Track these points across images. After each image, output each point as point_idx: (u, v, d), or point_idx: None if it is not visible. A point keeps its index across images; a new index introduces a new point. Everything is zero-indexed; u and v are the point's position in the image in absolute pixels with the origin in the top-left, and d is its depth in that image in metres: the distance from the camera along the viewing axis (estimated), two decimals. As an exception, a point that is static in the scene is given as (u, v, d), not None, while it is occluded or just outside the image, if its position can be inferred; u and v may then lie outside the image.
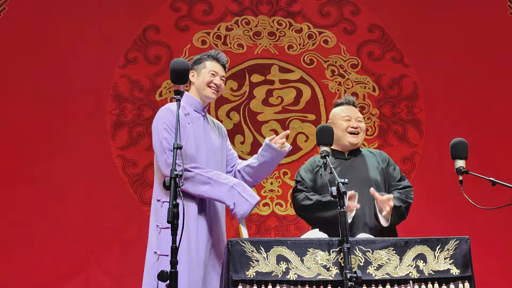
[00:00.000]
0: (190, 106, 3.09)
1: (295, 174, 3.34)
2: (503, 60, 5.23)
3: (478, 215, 4.27)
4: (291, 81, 5.21)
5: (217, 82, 3.10)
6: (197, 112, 3.10)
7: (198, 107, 3.11)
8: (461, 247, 2.58)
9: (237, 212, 2.84)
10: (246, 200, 2.84)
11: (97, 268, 4.56)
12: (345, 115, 3.26)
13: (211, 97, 3.11)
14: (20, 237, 4.56)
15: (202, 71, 3.11)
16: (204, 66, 3.12)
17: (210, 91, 3.09)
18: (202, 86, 3.09)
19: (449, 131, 4.78)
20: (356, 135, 3.24)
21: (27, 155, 4.76)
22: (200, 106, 3.12)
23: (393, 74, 5.24)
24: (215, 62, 3.13)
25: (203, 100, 3.13)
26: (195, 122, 3.05)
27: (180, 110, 2.79)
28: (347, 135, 3.22)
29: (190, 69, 3.07)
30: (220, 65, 3.14)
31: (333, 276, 2.44)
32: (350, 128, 3.23)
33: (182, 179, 2.46)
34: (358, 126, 3.24)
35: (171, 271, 2.23)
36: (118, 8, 5.16)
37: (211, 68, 3.10)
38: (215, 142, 3.12)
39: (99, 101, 4.95)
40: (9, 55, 4.97)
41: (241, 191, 2.85)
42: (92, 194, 4.72)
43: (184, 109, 3.06)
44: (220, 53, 3.18)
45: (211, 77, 3.09)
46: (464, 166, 2.92)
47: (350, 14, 5.35)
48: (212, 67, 3.11)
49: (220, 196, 2.86)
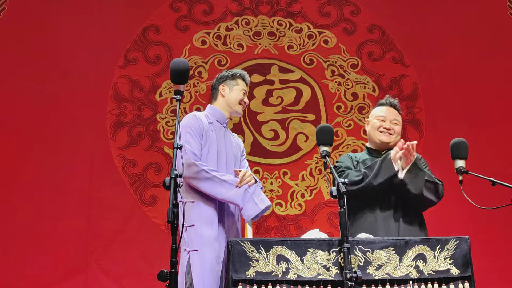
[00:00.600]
0: (214, 117, 3.30)
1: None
2: (503, 60, 5.23)
3: (478, 215, 4.27)
4: (291, 81, 5.21)
5: (246, 101, 3.37)
6: (219, 123, 3.30)
7: (221, 119, 3.32)
8: (461, 247, 2.58)
9: (243, 213, 3.03)
10: (255, 203, 3.03)
11: (97, 268, 4.56)
12: (380, 115, 3.32)
13: (239, 113, 3.37)
14: (20, 237, 4.55)
15: (235, 88, 3.33)
16: (237, 83, 3.35)
17: (241, 108, 3.35)
18: (235, 102, 3.31)
19: (449, 131, 4.77)
20: (389, 135, 3.28)
21: (27, 155, 4.76)
22: (223, 119, 3.32)
23: (393, 74, 5.24)
24: (244, 82, 3.38)
25: (229, 113, 3.35)
26: (217, 131, 3.25)
27: (205, 118, 3.20)
28: (377, 132, 3.28)
29: (220, 83, 3.35)
30: (247, 86, 3.40)
31: (333, 276, 2.44)
32: (382, 128, 3.29)
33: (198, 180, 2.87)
34: (392, 128, 3.30)
35: (171, 271, 2.23)
36: (118, 8, 5.17)
37: (243, 87, 3.35)
38: (234, 152, 3.32)
39: (99, 101, 4.94)
40: (9, 55, 4.97)
41: (253, 194, 3.05)
42: (92, 194, 4.72)
43: (208, 118, 3.27)
44: (247, 74, 3.43)
45: (243, 95, 3.34)
46: (464, 166, 2.92)
47: (350, 14, 5.35)
48: (243, 86, 3.36)
49: (234, 198, 3.04)
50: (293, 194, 4.94)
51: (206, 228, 2.99)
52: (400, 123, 3.36)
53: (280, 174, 5.00)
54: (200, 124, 3.17)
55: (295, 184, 4.95)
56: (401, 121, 3.38)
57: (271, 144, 5.07)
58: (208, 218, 3.03)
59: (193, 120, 3.17)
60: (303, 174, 4.96)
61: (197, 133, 3.13)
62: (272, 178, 4.98)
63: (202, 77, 5.13)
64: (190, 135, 3.11)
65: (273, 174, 4.98)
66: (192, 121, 3.17)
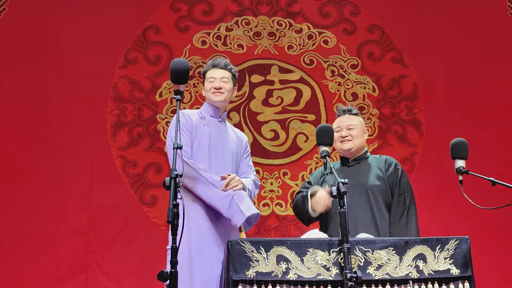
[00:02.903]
0: (206, 112, 3.28)
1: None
2: (503, 60, 5.23)
3: (478, 215, 4.27)
4: (291, 82, 5.21)
5: (215, 85, 3.24)
6: (213, 117, 3.27)
7: (213, 113, 3.28)
8: (461, 247, 2.58)
9: (232, 222, 2.97)
10: (241, 211, 2.94)
11: (97, 268, 4.56)
12: (336, 126, 3.35)
13: (217, 100, 3.24)
14: (20, 237, 4.55)
15: (205, 83, 3.31)
16: (205, 77, 3.32)
17: (213, 95, 3.24)
18: (207, 95, 3.27)
19: (449, 131, 4.77)
20: (347, 141, 3.30)
21: (27, 155, 4.76)
22: (215, 112, 3.28)
23: (393, 74, 5.24)
24: (213, 69, 3.30)
25: (216, 106, 3.27)
26: (211, 125, 3.23)
27: (196, 114, 3.20)
28: (338, 143, 3.33)
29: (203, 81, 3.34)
30: (218, 69, 3.29)
31: (333, 276, 2.44)
32: (340, 138, 3.32)
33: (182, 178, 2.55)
34: (348, 134, 3.32)
35: (171, 271, 2.23)
36: (118, 9, 5.16)
37: (209, 76, 3.29)
38: (232, 146, 3.25)
39: (99, 101, 4.95)
40: (9, 55, 4.97)
41: (239, 202, 2.97)
42: (92, 194, 4.72)
43: (201, 113, 3.26)
44: (217, 59, 3.36)
45: (210, 84, 3.26)
46: (464, 166, 2.92)
47: (350, 14, 5.35)
48: (210, 75, 3.29)
49: (220, 205, 2.98)
50: (293, 194, 4.92)
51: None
52: (358, 125, 3.35)
53: (280, 174, 5.00)
54: (188, 120, 3.15)
55: (295, 184, 4.95)
56: (359, 123, 3.37)
57: (271, 144, 5.07)
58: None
59: (181, 116, 3.15)
60: (303, 174, 4.96)
61: (185, 128, 3.11)
62: (272, 178, 4.98)
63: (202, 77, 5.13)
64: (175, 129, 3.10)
65: (273, 174, 4.98)
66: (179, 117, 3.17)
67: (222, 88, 3.24)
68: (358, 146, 3.31)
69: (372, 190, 3.16)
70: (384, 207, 3.14)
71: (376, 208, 3.13)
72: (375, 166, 3.27)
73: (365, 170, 3.25)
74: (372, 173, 3.23)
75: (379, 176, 3.22)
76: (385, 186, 3.19)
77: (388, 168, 3.25)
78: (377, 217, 3.11)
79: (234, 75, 3.35)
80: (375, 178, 3.21)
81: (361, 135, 3.35)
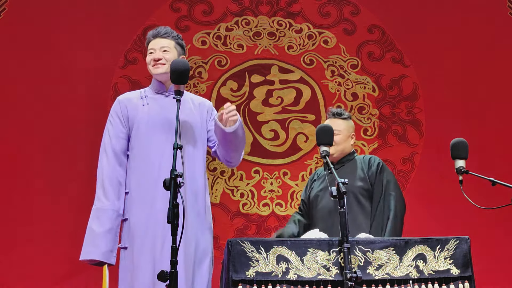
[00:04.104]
0: (152, 89, 3.04)
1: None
2: (503, 60, 5.22)
3: (478, 215, 4.26)
4: (291, 82, 5.21)
5: (154, 57, 2.98)
6: (159, 93, 3.03)
7: (159, 89, 3.02)
8: (461, 247, 2.58)
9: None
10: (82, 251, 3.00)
11: (97, 268, 4.55)
12: None
13: (157, 73, 2.98)
14: (20, 237, 4.55)
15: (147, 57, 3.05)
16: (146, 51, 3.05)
17: (153, 68, 2.99)
18: (149, 68, 3.02)
19: (449, 131, 4.77)
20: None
21: (27, 155, 4.76)
22: (160, 87, 3.02)
23: (393, 74, 5.24)
24: (152, 40, 3.03)
25: (159, 79, 3.02)
26: (153, 102, 2.99)
27: (135, 95, 3.02)
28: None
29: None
30: (158, 39, 3.03)
31: (333, 276, 2.45)
32: None
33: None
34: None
35: (171, 271, 2.23)
36: (118, 9, 5.16)
37: (149, 48, 3.02)
38: (187, 118, 2.95)
39: (99, 101, 4.94)
40: (9, 55, 4.97)
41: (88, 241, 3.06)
42: (93, 195, 4.70)
43: (143, 93, 3.04)
44: (158, 28, 3.07)
45: (149, 56, 3.01)
46: (464, 166, 2.92)
47: (350, 14, 5.35)
48: (150, 46, 3.02)
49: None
50: (293, 194, 4.94)
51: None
52: (343, 131, 3.35)
53: (280, 175, 5.00)
54: (116, 108, 3.03)
55: (295, 185, 4.95)
56: (346, 128, 3.37)
57: (271, 144, 5.07)
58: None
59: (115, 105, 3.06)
60: (303, 174, 4.96)
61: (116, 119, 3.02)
62: (272, 178, 4.98)
63: (202, 77, 5.14)
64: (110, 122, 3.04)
65: (273, 174, 4.98)
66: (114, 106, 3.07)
67: (163, 58, 2.96)
68: (341, 152, 3.33)
69: (353, 192, 3.16)
70: (369, 207, 3.16)
71: (359, 209, 3.15)
72: (358, 167, 3.29)
73: (348, 172, 3.25)
74: (355, 175, 3.25)
75: (361, 177, 3.24)
76: (367, 185, 3.21)
77: (370, 168, 3.26)
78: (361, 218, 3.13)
79: (178, 43, 3.06)
80: (357, 179, 3.23)
81: (345, 141, 3.35)
